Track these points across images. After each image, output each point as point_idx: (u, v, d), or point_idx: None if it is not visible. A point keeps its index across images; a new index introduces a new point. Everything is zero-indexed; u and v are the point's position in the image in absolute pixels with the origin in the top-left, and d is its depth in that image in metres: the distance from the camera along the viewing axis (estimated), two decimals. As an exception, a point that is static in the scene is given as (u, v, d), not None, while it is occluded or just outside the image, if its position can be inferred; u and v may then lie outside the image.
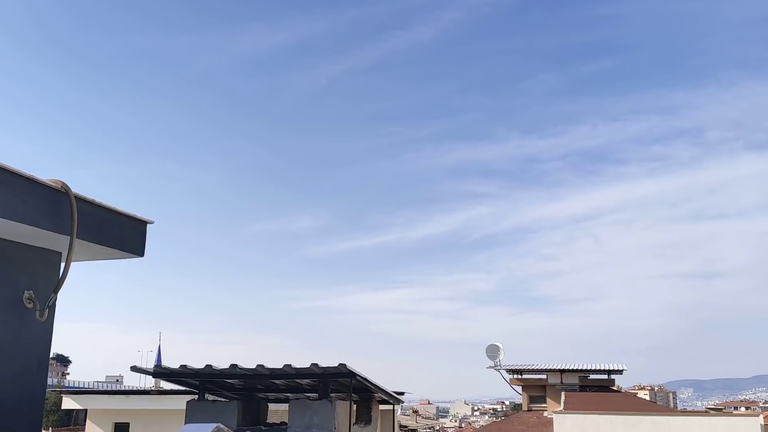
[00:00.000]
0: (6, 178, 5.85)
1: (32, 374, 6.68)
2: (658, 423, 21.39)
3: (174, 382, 8.86)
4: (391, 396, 9.22)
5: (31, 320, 6.65)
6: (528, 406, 35.25)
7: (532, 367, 35.29)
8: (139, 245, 7.70)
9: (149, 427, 20.22)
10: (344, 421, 7.72)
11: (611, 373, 34.21)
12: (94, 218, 6.94)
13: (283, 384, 8.49)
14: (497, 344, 35.62)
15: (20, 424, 6.45)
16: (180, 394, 15.47)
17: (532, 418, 30.56)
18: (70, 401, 22.36)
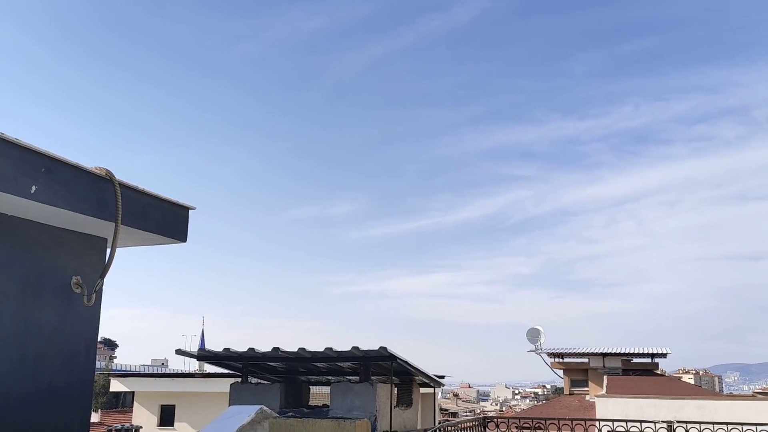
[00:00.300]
0: (53, 166, 5.98)
1: (81, 358, 6.85)
2: (703, 407, 21.02)
3: (218, 365, 9.00)
4: (431, 379, 9.23)
5: (79, 305, 6.81)
6: (569, 390, 34.98)
7: (574, 351, 34.96)
8: (182, 231, 7.82)
9: (194, 409, 20.64)
10: (385, 404, 7.76)
11: (655, 357, 33.71)
12: (137, 204, 7.07)
13: (325, 367, 8.56)
14: (538, 328, 35.39)
15: (71, 407, 6.63)
16: (223, 377, 15.75)
17: (573, 401, 30.33)
18: (117, 384, 22.94)
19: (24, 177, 5.66)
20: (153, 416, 22.04)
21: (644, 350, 33.60)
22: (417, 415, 9.11)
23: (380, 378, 8.58)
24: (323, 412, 7.81)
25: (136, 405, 22.65)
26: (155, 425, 21.36)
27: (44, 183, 5.84)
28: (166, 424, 21.18)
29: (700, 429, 10.89)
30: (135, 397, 22.95)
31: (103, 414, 35.82)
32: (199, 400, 20.50)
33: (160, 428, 20.99)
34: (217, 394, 18.03)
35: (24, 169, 5.67)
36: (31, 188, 5.71)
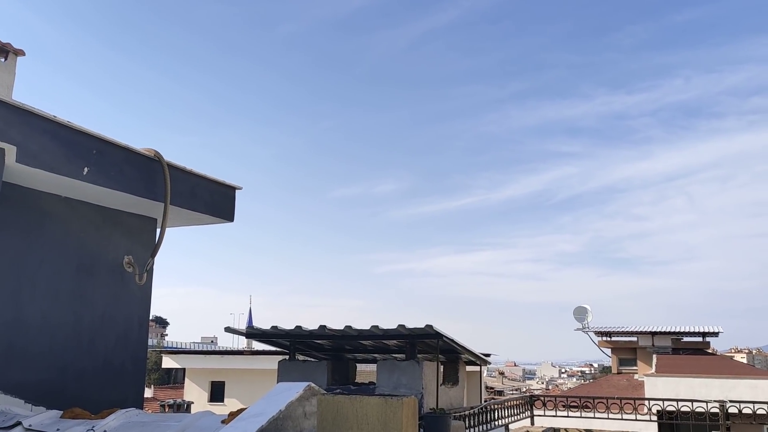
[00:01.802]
0: (104, 148, 6.12)
1: (134, 335, 7.06)
2: (756, 386, 20.57)
3: (265, 342, 9.14)
4: (477, 357, 9.21)
5: (131, 284, 7.00)
6: (617, 369, 34.55)
7: (622, 330, 34.46)
8: (229, 210, 7.96)
9: (243, 386, 21.04)
10: (431, 382, 7.78)
11: (706, 336, 33.00)
12: (185, 185, 7.20)
13: (371, 345, 8.61)
14: (585, 306, 34.98)
15: (125, 382, 6.83)
16: (271, 354, 15.99)
17: (622, 380, 29.97)
18: (169, 360, 23.52)
19: (76, 159, 5.81)
20: (204, 392, 22.56)
21: (695, 329, 32.91)
22: (463, 393, 9.11)
23: (426, 356, 8.60)
24: (370, 390, 7.87)
25: (187, 381, 23.21)
26: (206, 401, 21.86)
27: (96, 164, 5.98)
28: (216, 400, 21.66)
29: (754, 409, 10.64)
30: (186, 373, 23.50)
31: (156, 389, 36.85)
32: (248, 377, 20.89)
33: (210, 404, 21.48)
34: (265, 371, 18.32)
35: (76, 151, 5.82)
36: (83, 170, 5.86)
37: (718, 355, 34.82)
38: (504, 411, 10.15)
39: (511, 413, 10.51)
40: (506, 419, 10.12)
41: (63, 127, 5.68)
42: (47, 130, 5.52)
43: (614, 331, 34.77)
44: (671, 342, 32.98)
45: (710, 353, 32.93)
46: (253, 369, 20.65)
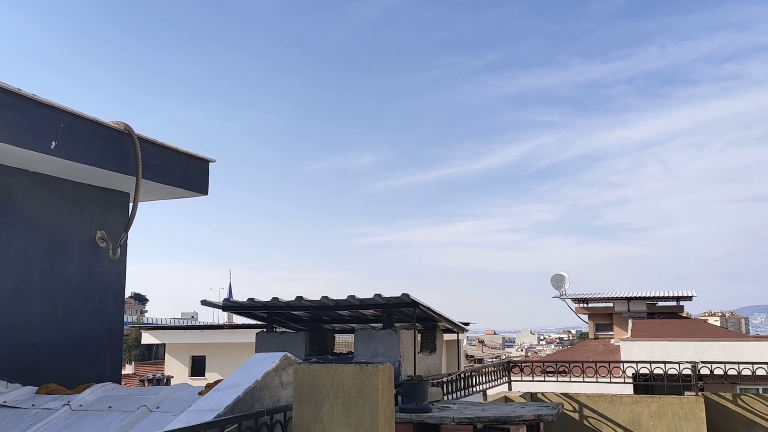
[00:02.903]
0: (72, 122, 6.02)
1: (110, 310, 7.02)
2: (729, 348, 21.03)
3: (243, 314, 9.15)
4: (455, 325, 9.30)
5: (105, 259, 6.94)
6: (594, 335, 35.15)
7: (598, 296, 34.98)
8: (203, 183, 7.90)
9: (224, 360, 21.10)
10: (409, 350, 7.85)
11: (680, 300, 33.62)
12: (157, 158, 7.12)
13: (349, 315, 8.66)
14: (562, 274, 35.38)
15: (102, 356, 6.82)
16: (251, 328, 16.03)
17: (598, 345, 30.48)
18: (149, 336, 23.48)
19: (43, 132, 5.71)
20: (184, 367, 22.60)
21: (669, 294, 33.50)
22: (441, 361, 9.22)
23: (404, 325, 8.66)
24: (348, 359, 7.93)
25: (168, 357, 23.22)
26: (187, 376, 21.91)
27: (64, 138, 5.89)
28: (197, 375, 21.71)
29: (725, 369, 10.90)
30: (166, 348, 23.51)
31: (136, 366, 36.83)
32: (228, 351, 20.95)
33: (192, 378, 21.52)
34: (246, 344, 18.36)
35: (43, 125, 5.72)
36: (51, 144, 5.77)
37: (691, 318, 35.50)
38: (481, 377, 10.29)
39: (488, 379, 10.65)
40: (484, 385, 10.26)
41: (29, 100, 5.57)
42: (12, 104, 5.41)
43: (591, 298, 35.29)
44: (646, 307, 33.57)
45: (684, 317, 33.57)
46: (234, 343, 20.71)
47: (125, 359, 43.44)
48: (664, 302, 33.88)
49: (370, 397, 4.22)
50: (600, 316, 35.26)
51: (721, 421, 10.46)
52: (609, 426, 10.58)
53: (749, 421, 10.44)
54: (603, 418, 10.63)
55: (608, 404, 10.70)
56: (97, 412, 4.76)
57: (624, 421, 10.52)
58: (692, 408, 10.26)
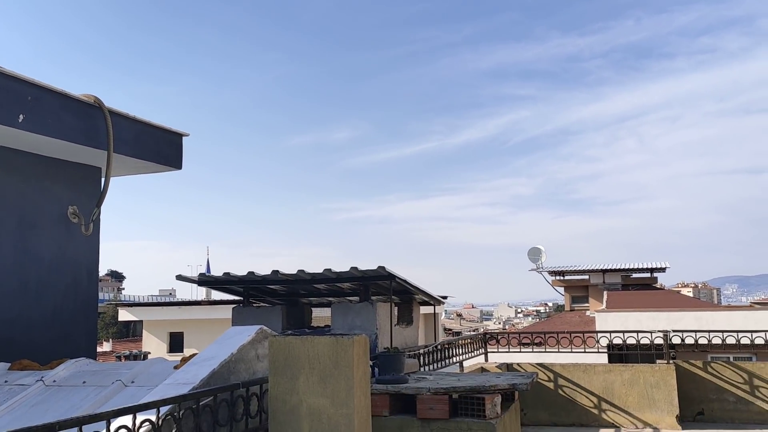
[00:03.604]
0: (40, 95, 5.91)
1: (83, 286, 6.96)
2: (700, 318, 21.43)
3: (219, 289, 9.13)
4: (431, 297, 9.36)
5: (78, 234, 6.86)
6: (570, 307, 35.64)
7: (574, 269, 35.41)
8: (177, 158, 7.81)
9: (202, 336, 21.07)
10: (385, 322, 7.89)
11: (654, 272, 34.16)
12: (129, 132, 7.02)
13: (325, 288, 8.67)
14: (539, 247, 35.72)
15: (76, 332, 6.77)
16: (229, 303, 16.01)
17: (574, 317, 30.91)
18: (126, 314, 23.37)
19: (10, 106, 5.60)
20: (162, 343, 22.57)
21: (643, 265, 34.01)
22: (417, 333, 9.29)
23: (380, 297, 8.70)
24: (325, 332, 7.96)
25: (145, 333, 23.16)
26: (165, 352, 21.88)
27: (32, 112, 5.78)
28: (175, 351, 21.68)
29: (696, 337, 11.12)
30: (144, 325, 23.43)
31: (114, 343, 36.69)
32: (207, 327, 20.92)
33: (170, 354, 21.49)
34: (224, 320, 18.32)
35: (10, 98, 5.60)
36: (18, 117, 5.66)
37: (665, 289, 36.10)
38: (458, 349, 10.39)
39: (465, 351, 10.77)
40: (460, 356, 10.37)
41: (-6, 72, 5.45)
42: (-23, 76, 5.29)
43: (567, 271, 35.72)
44: (621, 279, 34.06)
45: (658, 288, 34.13)
46: (212, 319, 20.68)
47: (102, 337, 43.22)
48: (638, 274, 34.40)
49: (345, 368, 4.25)
50: (576, 288, 35.74)
51: (692, 388, 10.69)
52: (583, 394, 10.76)
53: (719, 387, 10.68)
54: (577, 386, 10.80)
55: (582, 373, 10.87)
56: (71, 388, 4.74)
57: (597, 390, 10.71)
58: (663, 376, 10.47)
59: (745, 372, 10.65)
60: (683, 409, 10.47)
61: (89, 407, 4.35)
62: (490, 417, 5.44)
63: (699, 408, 10.74)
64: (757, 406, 10.50)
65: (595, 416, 10.67)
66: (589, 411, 10.73)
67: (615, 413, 10.60)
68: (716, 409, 10.68)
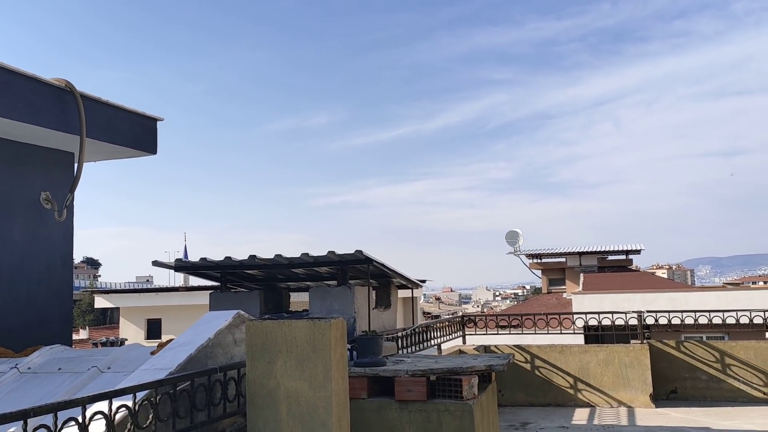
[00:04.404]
0: (9, 78, 5.80)
1: (57, 272, 6.88)
2: (674, 299, 21.75)
3: (196, 275, 9.09)
4: (409, 281, 9.40)
5: (51, 221, 6.78)
6: (548, 289, 35.95)
7: (551, 251, 35.71)
8: (151, 143, 7.72)
9: (180, 322, 20.96)
10: (363, 306, 7.92)
11: (629, 254, 34.55)
12: (102, 117, 6.93)
13: (303, 273, 8.67)
14: (516, 230, 35.93)
15: (51, 319, 6.70)
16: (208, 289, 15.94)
17: (551, 299, 31.21)
18: (102, 301, 23.18)
19: (-21, 90, 5.49)
20: (140, 330, 22.42)
21: (619, 248, 34.38)
22: (395, 316, 9.34)
23: (358, 281, 8.72)
24: (302, 316, 7.97)
25: (122, 320, 22.99)
26: (143, 338, 21.74)
27: (2, 96, 5.68)
28: (153, 338, 21.56)
29: (669, 317, 11.31)
30: (121, 312, 23.26)
31: (91, 330, 36.37)
32: (185, 313, 20.81)
33: (147, 341, 21.38)
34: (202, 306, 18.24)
35: (-22, 82, 5.49)
36: (-13, 102, 5.55)
37: (640, 271, 36.58)
38: (436, 332, 10.47)
39: (443, 333, 10.86)
40: (438, 339, 10.45)
41: (-39, 56, 5.33)
42: (-56, 60, 5.18)
43: (544, 253, 36.00)
44: (597, 261, 34.42)
45: (633, 270, 34.57)
46: (190, 305, 20.58)
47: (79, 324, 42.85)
48: (614, 256, 34.78)
49: (323, 351, 4.26)
50: (553, 271, 36.04)
51: (665, 367, 10.89)
52: (559, 375, 10.91)
53: (691, 366, 10.89)
54: (553, 367, 10.95)
55: (558, 354, 11.02)
56: (46, 375, 4.70)
57: (573, 370, 10.87)
58: (637, 355, 10.65)
59: (717, 351, 10.87)
60: (657, 388, 10.68)
61: (65, 394, 4.32)
62: (468, 398, 5.50)
63: (672, 386, 10.95)
64: (728, 384, 10.73)
65: (571, 396, 10.83)
66: (565, 391, 10.89)
67: (590, 393, 10.77)
68: (689, 387, 10.90)
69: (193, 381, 4.05)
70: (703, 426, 9.03)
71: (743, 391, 10.65)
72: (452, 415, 5.41)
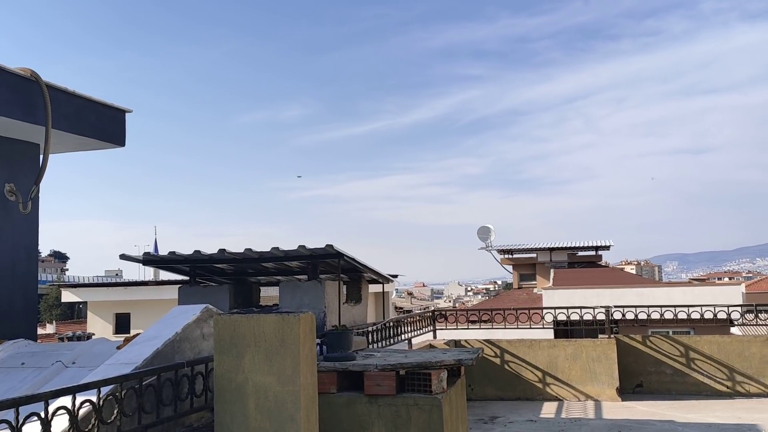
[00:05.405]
0: (-29, 68, 5.67)
1: (22, 265, 6.76)
2: (642, 294, 22.10)
3: (165, 269, 9.01)
4: (380, 276, 9.42)
5: (15, 213, 6.65)
6: (519, 284, 36.25)
7: (522, 247, 36.00)
8: (119, 134, 7.61)
9: (150, 317, 20.73)
10: (333, 300, 7.92)
11: (598, 250, 35.00)
12: (69, 108, 6.81)
13: (274, 267, 8.64)
14: (488, 226, 36.15)
15: (15, 312, 6.59)
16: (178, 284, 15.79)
17: (522, 295, 31.49)
18: (69, 295, 22.83)
19: (-60, 79, 5.36)
20: (108, 325, 22.14)
21: (589, 244, 34.81)
22: (366, 311, 9.35)
23: (329, 276, 8.71)
24: (272, 311, 7.94)
25: (90, 315, 22.68)
26: (111, 333, 21.47)
27: (-37, 85, 5.55)
28: (122, 332, 21.28)
29: (636, 312, 11.49)
30: (88, 307, 22.94)
31: (58, 325, 35.84)
32: (155, 307, 20.56)
33: (116, 336, 21.13)
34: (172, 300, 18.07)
35: (-61, 71, 5.36)
36: (-52, 91, 5.43)
37: (609, 267, 37.08)
38: (407, 326, 10.51)
39: (414, 328, 10.90)
40: (409, 334, 10.49)
41: None
42: None
43: (515, 249, 36.29)
44: (567, 257, 34.81)
45: (602, 266, 35.03)
46: (160, 300, 20.37)
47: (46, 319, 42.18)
48: (583, 252, 35.20)
49: (291, 346, 4.25)
50: (524, 266, 36.35)
51: (631, 361, 11.06)
52: (528, 369, 11.02)
53: (657, 360, 11.07)
54: (522, 361, 11.06)
55: (527, 349, 11.12)
56: (9, 369, 4.63)
57: (542, 364, 10.98)
58: (605, 350, 10.80)
59: (681, 345, 11.06)
60: (623, 382, 10.84)
61: (28, 389, 4.26)
62: (437, 392, 5.52)
63: (638, 380, 11.12)
64: (692, 378, 10.93)
65: (540, 390, 10.95)
66: (534, 385, 11.00)
67: (559, 386, 10.90)
68: (654, 381, 11.09)
69: (159, 376, 4.01)
70: (668, 419, 9.19)
71: (707, 384, 10.86)
72: (421, 409, 5.44)
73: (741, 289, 23.99)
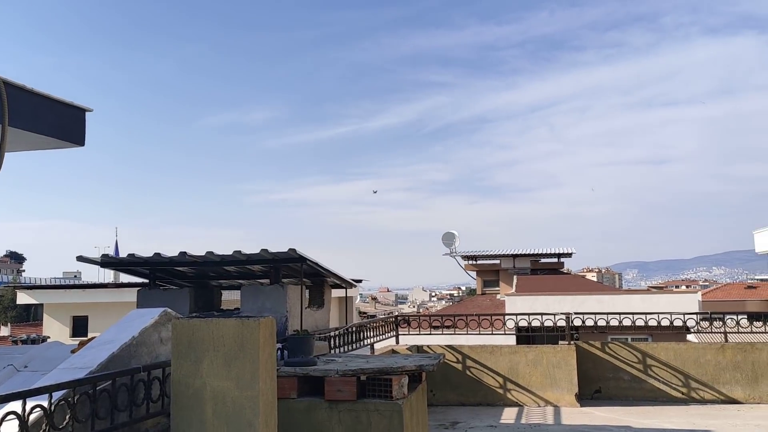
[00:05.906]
0: (-76, 62, 5.51)
1: (-25, 266, 6.58)
2: (602, 301, 22.41)
3: (124, 271, 8.85)
4: (343, 280, 9.39)
5: (-31, 212, 6.48)
6: (482, 290, 36.52)
7: (486, 253, 36.30)
8: (79, 133, 7.46)
9: (109, 320, 20.35)
10: (296, 305, 7.86)
11: (561, 257, 35.46)
12: (27, 105, 6.65)
13: (236, 271, 8.55)
14: (453, 232, 36.38)
15: (-34, 315, 6.41)
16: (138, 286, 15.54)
17: (485, 300, 31.73)
18: (25, 296, 22.30)
19: None
20: (65, 327, 21.67)
21: (551, 251, 35.24)
22: (328, 316, 9.31)
23: (291, 280, 8.66)
24: (233, 315, 7.85)
25: (46, 317, 22.17)
26: (68, 336, 21.02)
27: None
28: (79, 335, 20.86)
29: (595, 319, 11.65)
30: (45, 309, 22.43)
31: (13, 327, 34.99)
32: (114, 310, 20.20)
33: (73, 339, 20.69)
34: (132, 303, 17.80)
35: None
36: None
37: (571, 274, 37.57)
38: (370, 331, 10.49)
39: (376, 333, 10.88)
40: (371, 339, 10.47)
41: None
42: None
43: (479, 255, 36.57)
44: (530, 264, 35.19)
45: (564, 273, 35.48)
46: (120, 302, 20.01)
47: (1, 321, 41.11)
48: (546, 259, 35.63)
49: (251, 351, 4.21)
50: (487, 272, 36.65)
51: (590, 367, 11.21)
52: (489, 375, 11.09)
53: (615, 366, 11.24)
54: (484, 367, 11.12)
55: (489, 354, 11.20)
56: (-42, 373, 4.49)
57: (503, 370, 11.06)
58: (564, 356, 10.93)
59: (639, 352, 11.25)
60: (582, 388, 10.98)
61: (-23, 393, 4.14)
62: (397, 397, 5.53)
63: (597, 386, 11.27)
64: (649, 384, 11.12)
65: (501, 395, 11.03)
66: (494, 390, 11.08)
67: (519, 392, 10.99)
68: (612, 387, 11.25)
69: (114, 381, 3.93)
70: (625, 424, 9.33)
71: (663, 390, 11.05)
72: (381, 415, 5.43)
73: (697, 297, 24.49)
